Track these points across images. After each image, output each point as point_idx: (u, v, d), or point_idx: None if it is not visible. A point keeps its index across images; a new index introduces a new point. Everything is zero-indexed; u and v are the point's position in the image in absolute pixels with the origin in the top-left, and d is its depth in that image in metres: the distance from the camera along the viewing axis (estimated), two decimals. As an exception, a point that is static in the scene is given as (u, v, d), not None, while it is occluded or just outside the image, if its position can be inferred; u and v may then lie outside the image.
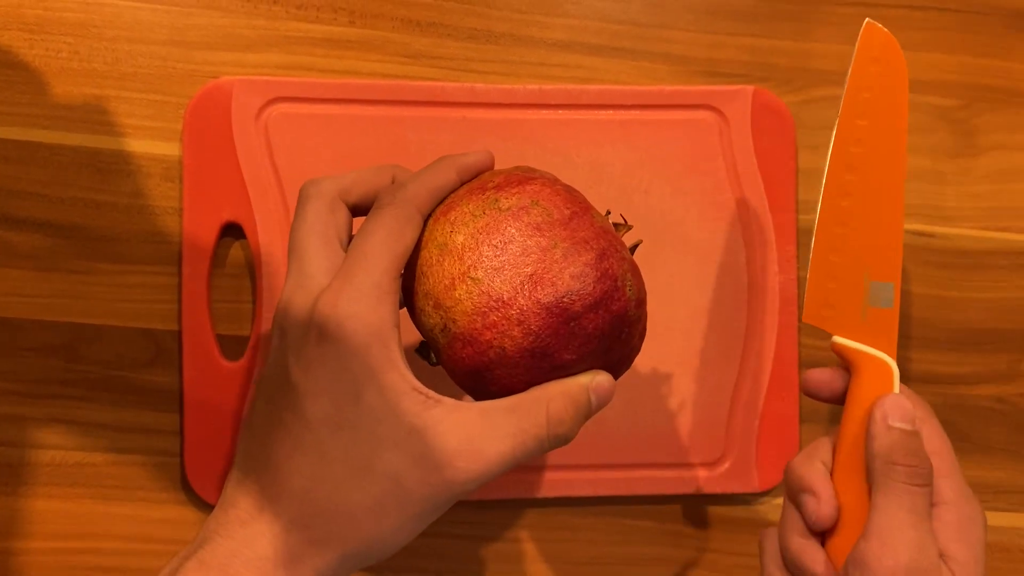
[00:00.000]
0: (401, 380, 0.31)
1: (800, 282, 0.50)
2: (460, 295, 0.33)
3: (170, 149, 0.46)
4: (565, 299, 0.33)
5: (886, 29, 0.39)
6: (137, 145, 0.46)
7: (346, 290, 0.31)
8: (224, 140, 0.46)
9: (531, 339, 0.33)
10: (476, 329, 0.33)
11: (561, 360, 0.33)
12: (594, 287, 0.33)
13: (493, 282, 0.33)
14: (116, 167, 0.46)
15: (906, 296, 0.50)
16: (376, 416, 0.31)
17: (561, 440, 0.33)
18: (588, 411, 0.34)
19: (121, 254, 0.46)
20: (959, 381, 0.51)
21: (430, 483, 0.31)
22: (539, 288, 0.33)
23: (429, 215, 0.35)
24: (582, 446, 0.47)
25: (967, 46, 0.52)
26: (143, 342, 0.46)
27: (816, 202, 0.50)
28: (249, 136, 0.46)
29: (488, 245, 0.33)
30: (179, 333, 0.46)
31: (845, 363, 0.39)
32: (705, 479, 0.48)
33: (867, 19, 0.39)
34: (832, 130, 0.50)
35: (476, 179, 0.36)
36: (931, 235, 0.51)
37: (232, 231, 0.46)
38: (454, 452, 0.31)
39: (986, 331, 0.51)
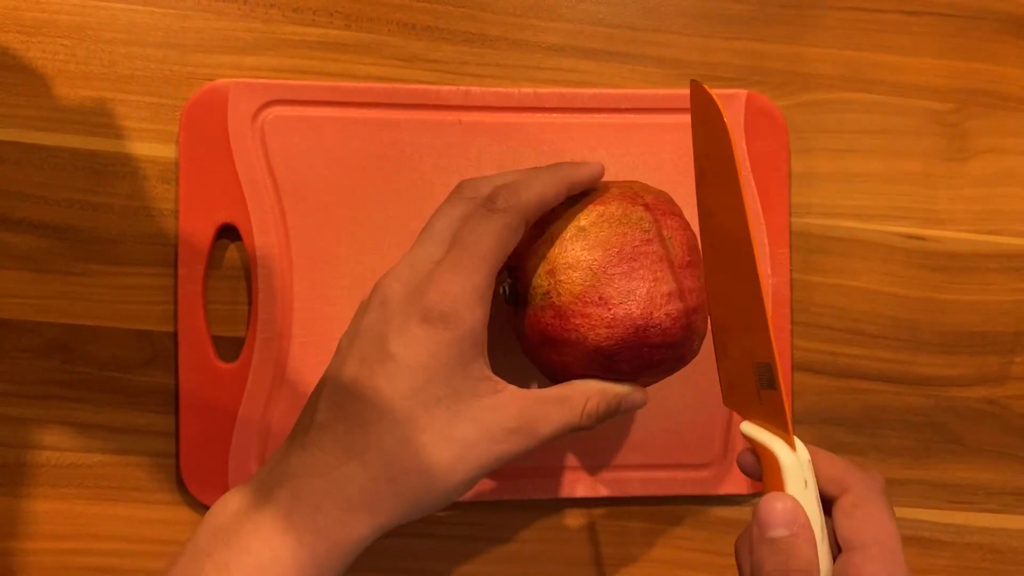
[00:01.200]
0: (483, 369, 0.36)
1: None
2: (575, 278, 0.38)
3: (166, 151, 0.46)
4: (652, 329, 0.38)
5: (708, 89, 0.36)
6: (133, 147, 0.46)
7: (455, 285, 0.36)
8: (220, 142, 0.46)
9: (610, 343, 0.37)
10: (572, 311, 0.38)
11: (619, 368, 0.38)
12: (677, 333, 0.38)
13: (606, 285, 0.37)
14: (112, 169, 0.46)
15: (898, 299, 0.51)
16: (460, 396, 0.36)
17: (583, 429, 0.38)
18: (611, 416, 0.39)
19: (117, 256, 0.46)
20: (951, 383, 0.51)
21: (493, 451, 0.36)
22: (638, 309, 0.37)
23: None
24: (575, 448, 0.48)
25: (959, 50, 0.52)
26: (139, 343, 0.46)
27: (808, 206, 0.51)
28: (245, 138, 0.46)
29: (617, 252, 0.38)
30: (175, 335, 0.46)
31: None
32: (698, 480, 0.48)
33: (691, 80, 0.37)
34: (826, 133, 0.51)
35: (628, 184, 0.41)
36: (923, 238, 0.51)
37: (228, 233, 0.46)
38: (515, 429, 0.36)
39: (977, 333, 0.51)
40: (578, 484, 0.48)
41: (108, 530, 0.45)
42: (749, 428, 0.36)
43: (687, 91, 0.48)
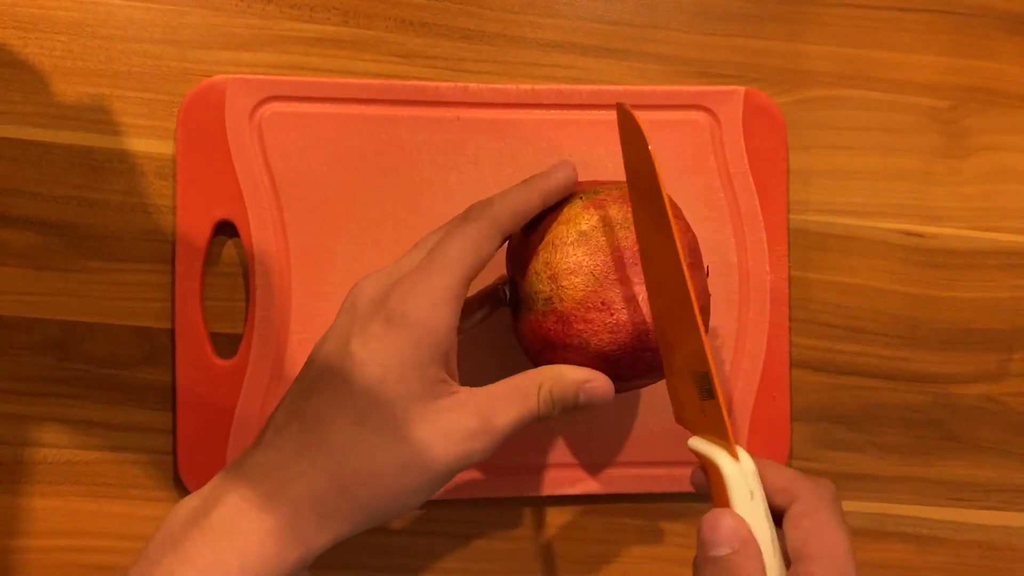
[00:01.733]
0: (440, 372, 0.36)
1: (791, 281, 0.50)
2: (577, 283, 0.37)
3: (164, 147, 0.46)
4: (654, 334, 0.37)
5: (631, 111, 0.36)
6: (131, 143, 0.46)
7: (418, 287, 0.36)
8: (218, 138, 0.46)
9: (613, 348, 0.37)
10: (575, 316, 0.37)
11: (622, 373, 0.38)
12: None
13: (608, 290, 0.37)
14: (110, 165, 0.46)
15: (896, 296, 0.51)
16: (414, 395, 0.35)
17: (548, 417, 0.37)
18: (575, 405, 0.38)
19: (114, 252, 0.46)
20: (949, 380, 0.51)
21: (450, 453, 0.35)
22: (640, 314, 0.37)
23: (573, 196, 0.40)
24: (572, 444, 0.48)
25: (957, 48, 0.52)
26: (136, 340, 0.46)
27: (806, 202, 0.51)
28: (242, 134, 0.46)
29: (619, 257, 0.38)
30: (172, 331, 0.46)
31: None
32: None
33: (617, 103, 0.37)
34: (824, 130, 0.51)
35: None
36: (921, 235, 0.51)
37: (225, 229, 0.46)
38: (472, 429, 0.35)
39: (975, 331, 0.51)
40: (571, 481, 0.48)
41: (105, 527, 0.45)
42: (695, 442, 0.34)
43: (685, 88, 0.49)
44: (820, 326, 0.50)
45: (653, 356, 0.38)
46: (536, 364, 0.40)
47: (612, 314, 0.37)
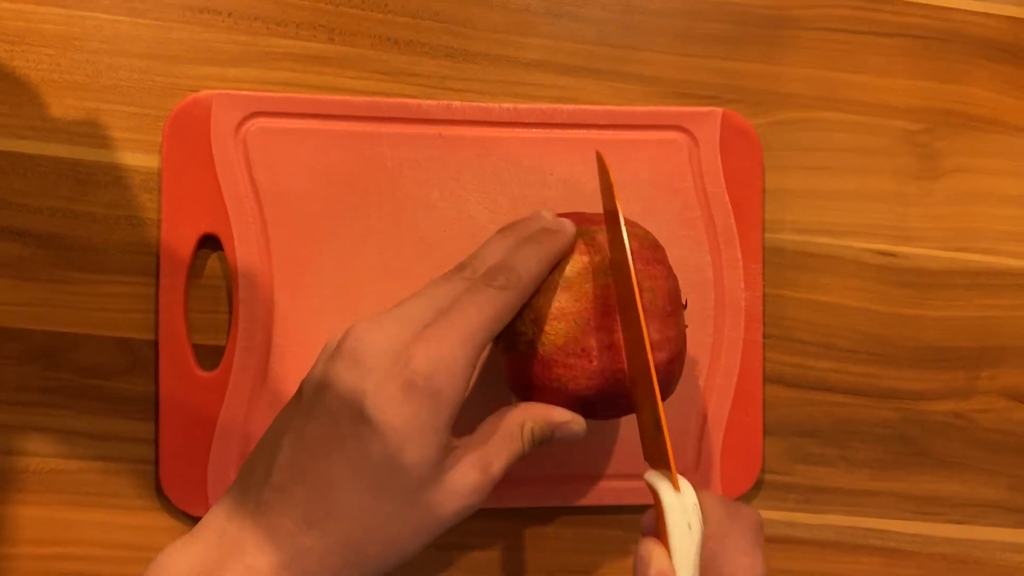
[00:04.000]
0: (451, 438, 0.36)
1: (782, 301, 0.51)
2: (559, 329, 0.38)
3: (149, 161, 0.47)
4: (630, 378, 0.38)
5: (605, 161, 0.40)
6: (117, 157, 0.47)
7: (441, 353, 0.35)
8: (203, 153, 0.46)
9: (590, 392, 0.38)
10: (555, 360, 0.38)
11: (596, 412, 0.39)
12: (662, 377, 0.39)
13: (588, 337, 0.38)
14: (96, 178, 0.46)
15: (869, 314, 0.52)
16: (430, 462, 0.34)
17: (526, 455, 0.38)
18: (550, 440, 0.39)
19: (99, 264, 0.46)
20: (919, 397, 0.52)
21: (460, 506, 0.35)
22: (619, 360, 0.38)
23: None
24: (550, 458, 0.48)
25: (931, 72, 0.53)
26: (120, 351, 0.46)
27: (782, 222, 0.52)
28: (228, 149, 0.46)
29: (601, 304, 0.38)
30: (156, 343, 0.46)
31: None
32: (671, 491, 0.49)
33: (597, 152, 0.41)
34: (800, 151, 0.52)
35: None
36: (893, 255, 0.52)
37: (209, 242, 0.47)
38: (478, 481, 0.36)
39: (945, 348, 0.52)
40: (550, 494, 0.48)
41: (87, 536, 0.46)
42: (649, 475, 0.35)
43: (665, 109, 0.50)
44: (794, 343, 0.51)
45: (628, 400, 0.39)
46: (516, 395, 0.41)
47: (591, 360, 0.38)
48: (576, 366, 0.38)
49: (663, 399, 0.40)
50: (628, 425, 0.49)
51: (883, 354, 0.52)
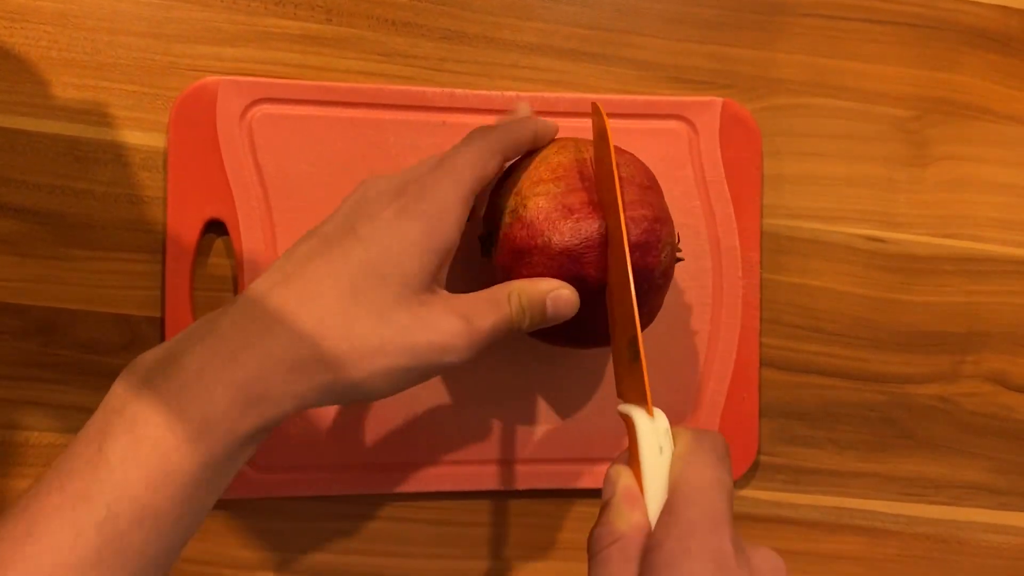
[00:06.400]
0: (438, 266, 0.37)
1: (772, 285, 0.52)
2: (540, 191, 0.40)
3: (149, 139, 0.47)
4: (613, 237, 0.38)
5: (602, 110, 0.41)
6: (116, 135, 0.47)
7: (433, 187, 0.37)
8: (209, 139, 0.46)
9: (576, 241, 0.39)
10: (537, 219, 0.40)
11: (586, 272, 0.39)
12: (640, 233, 0.40)
13: (570, 196, 0.40)
14: (94, 156, 0.47)
15: (858, 298, 0.53)
16: (409, 279, 0.36)
17: (521, 327, 0.38)
18: (543, 315, 0.39)
19: (98, 241, 0.47)
20: (906, 380, 0.53)
21: (433, 343, 0.35)
22: (599, 212, 0.39)
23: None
24: (549, 439, 0.49)
25: (922, 60, 0.54)
26: (118, 327, 0.47)
27: (774, 207, 0.52)
28: (233, 135, 0.47)
29: (578, 172, 0.40)
30: (162, 327, 0.47)
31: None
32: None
33: (592, 102, 0.42)
34: (792, 137, 0.52)
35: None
36: (882, 240, 0.53)
37: (215, 227, 0.47)
38: (458, 327, 0.36)
39: (931, 333, 0.53)
40: (548, 476, 0.49)
41: (85, 509, 0.46)
42: (622, 406, 0.36)
43: (666, 98, 0.50)
44: (784, 326, 0.52)
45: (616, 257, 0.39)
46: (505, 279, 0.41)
47: (574, 214, 0.39)
48: (559, 221, 0.39)
49: (651, 266, 0.40)
50: (613, 407, 0.49)
51: (871, 338, 0.53)
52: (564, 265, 0.39)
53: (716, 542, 0.29)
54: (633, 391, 0.36)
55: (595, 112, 0.42)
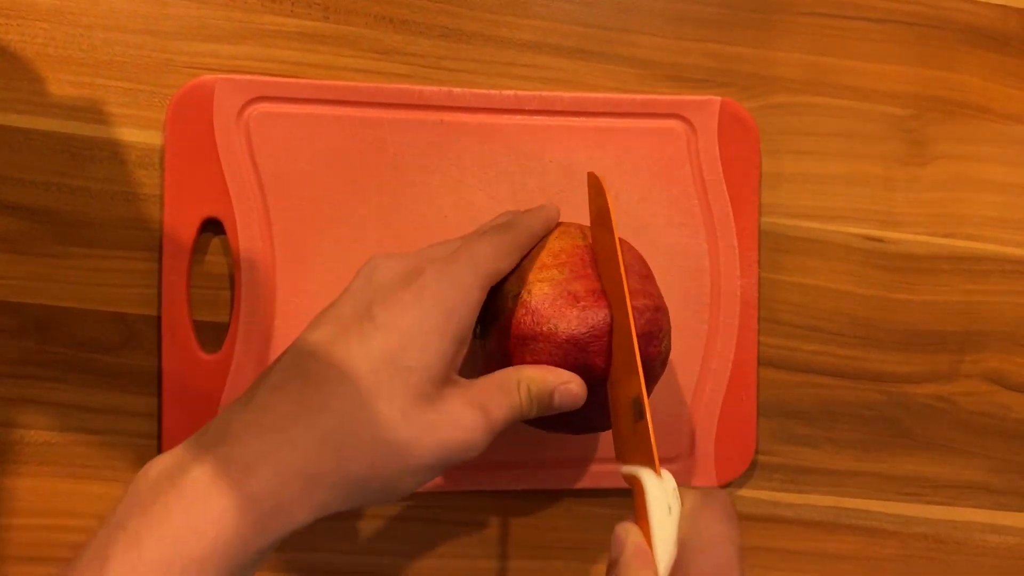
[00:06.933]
0: (456, 352, 0.36)
1: (770, 284, 0.52)
2: (544, 276, 0.40)
3: (145, 137, 0.47)
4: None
5: (598, 179, 0.42)
6: (112, 132, 0.47)
7: (451, 271, 0.36)
8: (206, 137, 0.46)
9: (583, 330, 0.38)
10: (543, 306, 0.39)
11: (591, 361, 0.39)
12: (644, 324, 0.39)
13: (575, 283, 0.39)
14: (91, 153, 0.47)
15: (855, 297, 0.53)
16: (430, 374, 0.34)
17: (527, 416, 0.38)
18: (550, 406, 0.38)
19: (94, 239, 0.47)
20: (904, 380, 0.53)
21: (455, 440, 0.34)
22: (603, 300, 0.39)
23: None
24: (547, 439, 0.49)
25: (920, 58, 0.54)
26: (115, 325, 0.47)
27: (772, 205, 0.52)
28: (230, 134, 0.46)
29: (580, 259, 0.40)
30: (157, 319, 0.46)
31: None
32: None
33: (589, 173, 0.43)
34: (790, 136, 0.52)
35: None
36: (880, 239, 0.53)
37: (212, 226, 0.47)
38: (478, 420, 0.35)
39: (930, 332, 0.53)
40: (547, 477, 0.49)
41: (81, 508, 0.46)
42: (626, 468, 0.36)
43: (664, 97, 0.50)
44: (782, 325, 0.52)
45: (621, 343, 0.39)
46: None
47: (580, 302, 0.39)
48: (565, 308, 0.39)
49: (652, 356, 0.40)
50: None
51: (869, 337, 0.53)
52: (570, 353, 0.38)
53: None
54: (638, 452, 0.35)
55: (592, 186, 0.42)
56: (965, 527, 0.53)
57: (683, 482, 0.49)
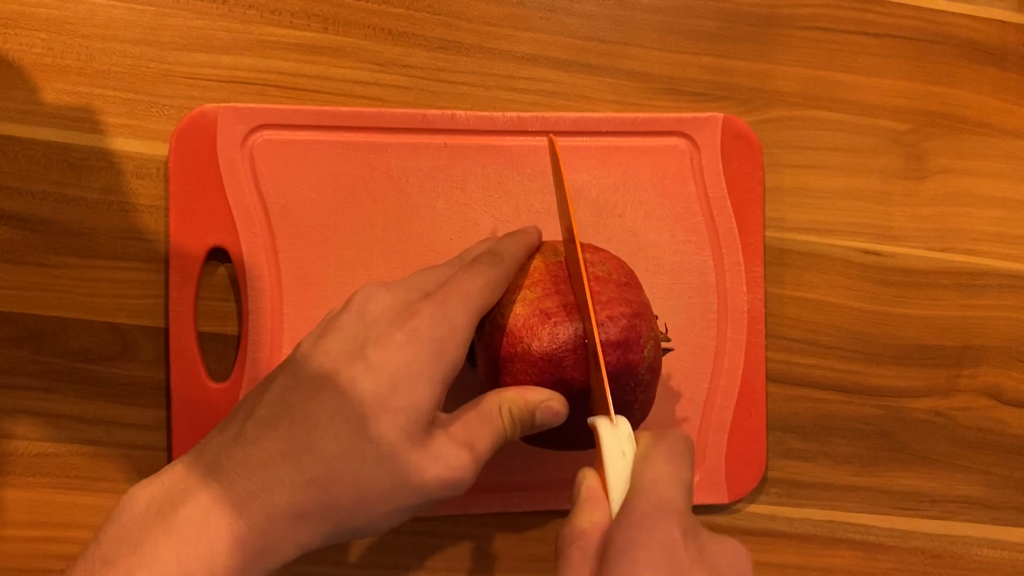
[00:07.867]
0: (442, 395, 0.36)
1: (768, 298, 0.51)
2: (516, 298, 0.40)
3: (142, 147, 0.47)
4: (597, 328, 0.39)
5: (555, 141, 0.42)
6: (109, 142, 0.47)
7: (444, 309, 0.36)
8: (210, 166, 0.46)
9: (554, 347, 0.39)
10: (516, 327, 0.39)
11: (568, 376, 0.39)
12: (620, 331, 0.39)
13: (546, 301, 0.40)
14: (88, 163, 0.47)
15: (853, 312, 0.52)
16: (418, 416, 0.34)
17: (513, 439, 0.38)
18: (532, 426, 0.38)
19: (90, 249, 0.46)
20: (901, 394, 0.53)
21: (442, 478, 0.35)
22: (576, 313, 0.39)
23: None
24: (558, 458, 0.49)
25: (919, 73, 0.54)
26: (109, 336, 0.46)
27: (770, 219, 0.52)
28: (234, 162, 0.46)
29: (551, 276, 0.41)
30: (162, 333, 0.46)
31: None
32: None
33: (548, 135, 0.43)
34: (789, 149, 0.52)
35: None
36: (878, 253, 0.53)
37: (218, 255, 0.47)
38: (464, 457, 0.35)
39: (927, 347, 0.53)
40: (553, 498, 0.49)
41: (75, 519, 0.46)
42: (592, 419, 0.37)
43: (665, 115, 0.50)
44: (778, 339, 0.52)
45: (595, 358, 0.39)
46: (491, 387, 0.41)
47: (551, 319, 0.39)
48: (537, 327, 0.39)
49: (632, 364, 0.40)
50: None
51: (866, 352, 0.53)
52: (545, 371, 0.39)
53: (665, 531, 0.30)
54: (598, 403, 0.38)
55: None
56: (962, 542, 0.53)
57: (694, 499, 0.49)
